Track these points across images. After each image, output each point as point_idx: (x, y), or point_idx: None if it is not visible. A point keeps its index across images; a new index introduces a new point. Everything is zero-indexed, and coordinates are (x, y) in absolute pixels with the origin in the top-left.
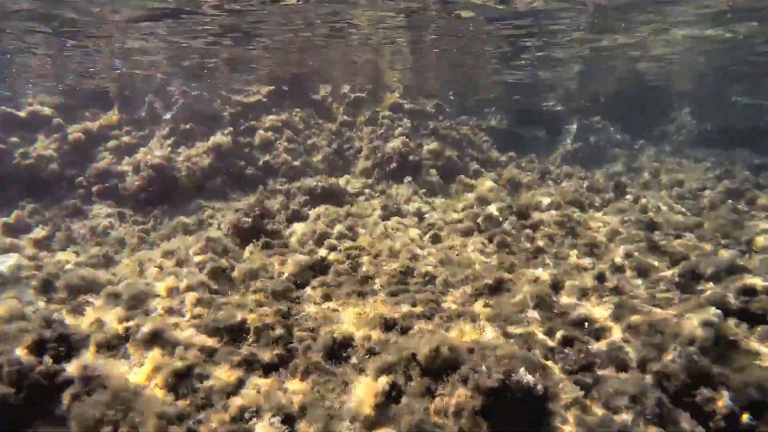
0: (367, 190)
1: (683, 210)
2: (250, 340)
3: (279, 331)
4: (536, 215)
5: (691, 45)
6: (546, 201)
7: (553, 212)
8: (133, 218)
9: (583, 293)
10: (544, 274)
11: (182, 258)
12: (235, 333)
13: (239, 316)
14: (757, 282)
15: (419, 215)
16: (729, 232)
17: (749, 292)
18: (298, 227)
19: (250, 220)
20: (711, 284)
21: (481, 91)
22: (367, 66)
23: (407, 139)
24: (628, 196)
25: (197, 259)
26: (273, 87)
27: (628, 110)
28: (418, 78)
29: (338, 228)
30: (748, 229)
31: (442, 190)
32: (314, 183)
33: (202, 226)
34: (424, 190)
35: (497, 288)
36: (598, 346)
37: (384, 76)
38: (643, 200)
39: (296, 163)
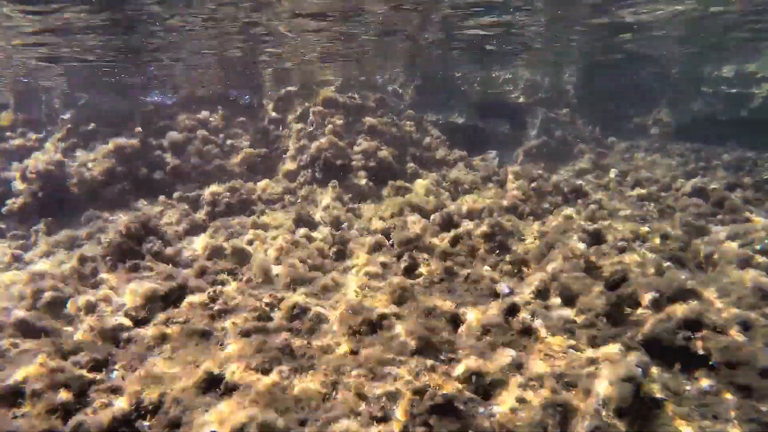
0: (287, 196)
1: (643, 215)
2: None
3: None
4: (464, 226)
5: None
6: (479, 207)
7: (486, 221)
8: (11, 233)
9: (485, 332)
10: (445, 304)
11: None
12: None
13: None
14: (705, 313)
15: (337, 225)
16: (685, 245)
17: (693, 325)
18: (197, 242)
19: (120, 240)
20: (650, 313)
21: (439, 84)
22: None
23: (335, 138)
24: (582, 200)
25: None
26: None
27: (601, 101)
28: (363, 70)
29: (233, 244)
30: (711, 239)
31: (372, 194)
32: (223, 190)
33: (92, 239)
34: (350, 196)
35: (377, 325)
36: (483, 409)
37: (319, 67)
38: (593, 206)
39: (209, 167)
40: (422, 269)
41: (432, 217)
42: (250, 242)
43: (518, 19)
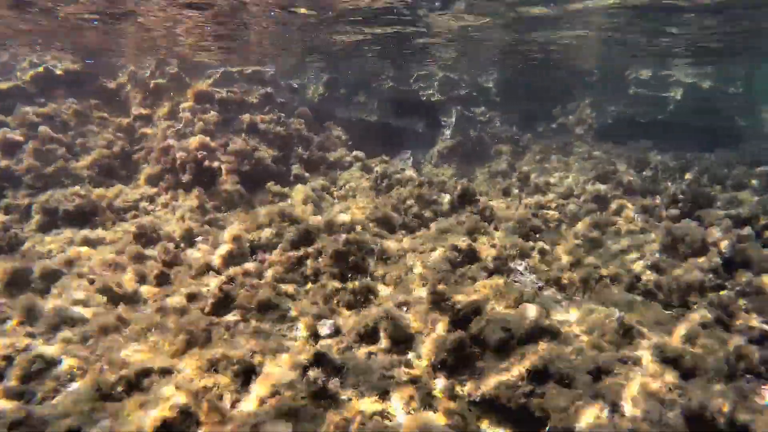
0: (144, 204)
1: (536, 225)
2: None
3: None
4: (321, 242)
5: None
6: (344, 219)
7: (343, 236)
8: None
9: (273, 394)
10: (236, 353)
11: None
12: None
13: None
14: (556, 360)
15: (189, 239)
16: (576, 261)
17: (539, 376)
18: None
19: None
20: (493, 361)
21: (350, 79)
22: (169, 42)
23: (205, 138)
24: (471, 207)
25: None
26: (42, 69)
27: (524, 100)
28: (259, 62)
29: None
30: (605, 251)
31: (244, 201)
32: (61, 197)
33: None
34: (215, 203)
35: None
36: None
37: (194, 55)
38: (475, 217)
39: (49, 169)
40: (242, 301)
41: (287, 233)
42: (70, 263)
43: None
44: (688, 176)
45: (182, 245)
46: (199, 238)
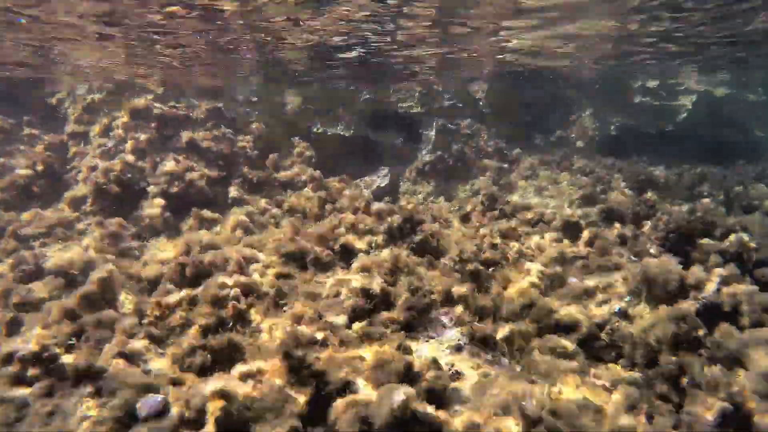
0: (61, 230)
1: (491, 260)
2: None
3: None
4: (214, 287)
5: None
6: (259, 256)
7: (242, 278)
8: None
9: None
10: None
11: None
12: None
13: None
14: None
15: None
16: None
17: None
18: None
19: None
20: None
21: (324, 91)
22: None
23: (132, 157)
24: (411, 237)
25: None
26: None
27: (517, 112)
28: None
29: None
30: (567, 290)
31: (169, 227)
32: None
33: None
34: (135, 230)
35: None
36: None
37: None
38: (403, 254)
39: None
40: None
41: (189, 267)
42: None
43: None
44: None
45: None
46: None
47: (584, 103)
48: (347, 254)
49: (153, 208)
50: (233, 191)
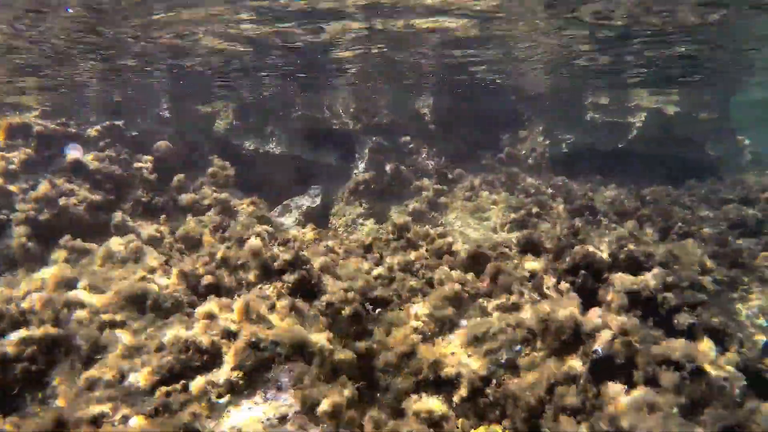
0: None
1: (382, 298)
2: None
3: None
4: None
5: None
6: (91, 300)
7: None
8: None
9: None
10: None
11: None
12: None
13: None
14: None
15: None
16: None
17: None
18: None
19: None
20: None
21: (256, 106)
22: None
23: (1, 180)
24: (289, 276)
25: None
26: None
27: (464, 128)
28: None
29: None
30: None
31: (33, 259)
32: None
33: None
34: None
35: None
36: None
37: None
38: (238, 303)
39: None
40: None
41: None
42: None
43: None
44: (629, 224)
45: None
46: None
47: (536, 119)
48: (217, 294)
49: (18, 237)
50: (117, 217)
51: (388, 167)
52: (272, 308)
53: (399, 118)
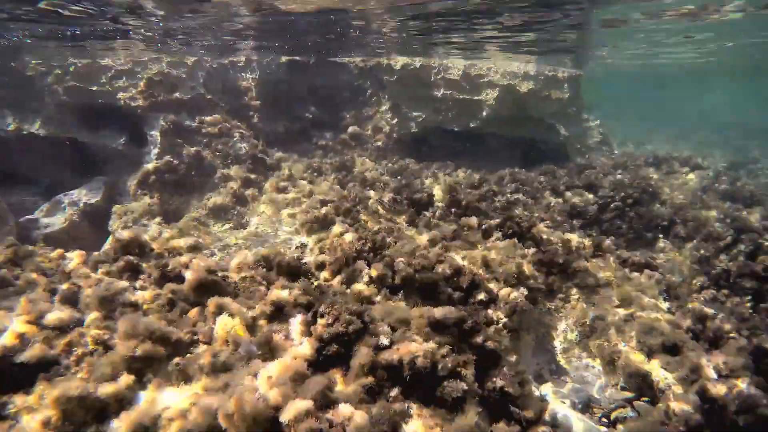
0: None
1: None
2: None
3: None
4: None
5: None
6: None
7: None
8: None
9: None
10: None
11: None
12: None
13: None
14: None
15: None
16: None
17: None
18: None
19: None
20: None
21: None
22: None
23: None
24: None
25: None
26: None
27: (300, 103)
28: None
29: None
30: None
31: None
32: None
33: None
34: None
35: None
36: None
37: None
38: None
39: None
40: None
41: None
42: None
43: None
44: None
45: None
46: None
47: (382, 95)
48: None
49: None
50: None
51: (186, 153)
52: None
53: (206, 93)
